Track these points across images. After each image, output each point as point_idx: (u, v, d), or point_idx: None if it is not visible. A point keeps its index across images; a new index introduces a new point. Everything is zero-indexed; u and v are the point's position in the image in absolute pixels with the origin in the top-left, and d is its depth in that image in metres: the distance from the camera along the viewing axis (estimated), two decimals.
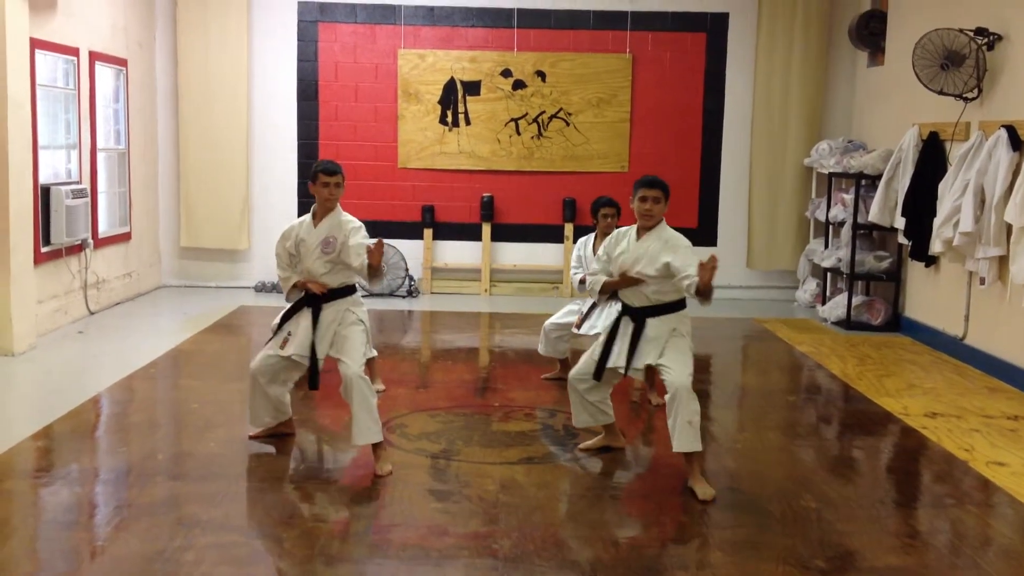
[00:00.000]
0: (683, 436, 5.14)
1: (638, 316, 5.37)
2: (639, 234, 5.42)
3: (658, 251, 5.27)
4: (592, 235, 7.23)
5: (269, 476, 5.41)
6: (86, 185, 9.34)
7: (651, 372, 6.82)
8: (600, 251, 5.65)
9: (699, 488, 5.14)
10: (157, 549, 4.36)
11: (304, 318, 5.59)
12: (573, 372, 5.66)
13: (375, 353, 6.92)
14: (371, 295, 11.06)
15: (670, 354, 5.27)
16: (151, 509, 4.82)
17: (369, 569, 4.34)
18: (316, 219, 5.62)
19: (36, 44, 8.32)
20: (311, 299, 5.58)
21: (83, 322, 9.23)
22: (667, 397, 5.21)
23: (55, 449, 5.81)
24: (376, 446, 5.40)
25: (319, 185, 5.56)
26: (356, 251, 5.44)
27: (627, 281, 5.34)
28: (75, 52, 9.17)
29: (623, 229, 5.56)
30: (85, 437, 6.13)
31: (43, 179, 8.63)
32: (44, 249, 8.60)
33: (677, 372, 5.19)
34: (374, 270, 5.39)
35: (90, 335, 8.78)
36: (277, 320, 5.74)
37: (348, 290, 5.64)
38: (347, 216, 5.65)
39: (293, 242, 5.63)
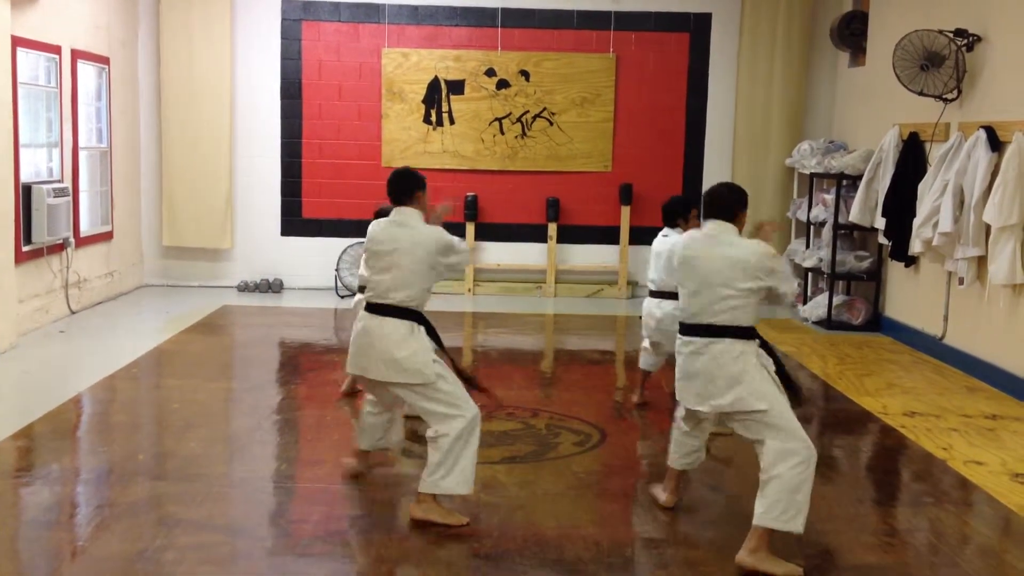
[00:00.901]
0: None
1: None
2: None
3: None
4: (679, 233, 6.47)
5: (250, 476, 5.41)
6: (68, 184, 9.30)
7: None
8: None
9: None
10: (138, 549, 4.36)
11: None
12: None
13: None
14: (353, 294, 11.06)
15: None
16: (132, 509, 4.82)
17: (351, 568, 4.35)
18: None
19: (17, 42, 8.27)
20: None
21: (64, 321, 9.19)
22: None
23: (36, 449, 5.79)
24: None
25: (426, 193, 5.03)
26: None
27: None
28: (57, 50, 9.14)
29: None
30: (66, 437, 6.11)
31: (24, 178, 8.59)
32: (25, 248, 8.56)
33: None
34: None
35: (71, 334, 8.74)
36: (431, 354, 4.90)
37: None
38: None
39: None
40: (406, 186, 4.99)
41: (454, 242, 4.89)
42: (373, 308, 4.85)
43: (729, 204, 4.65)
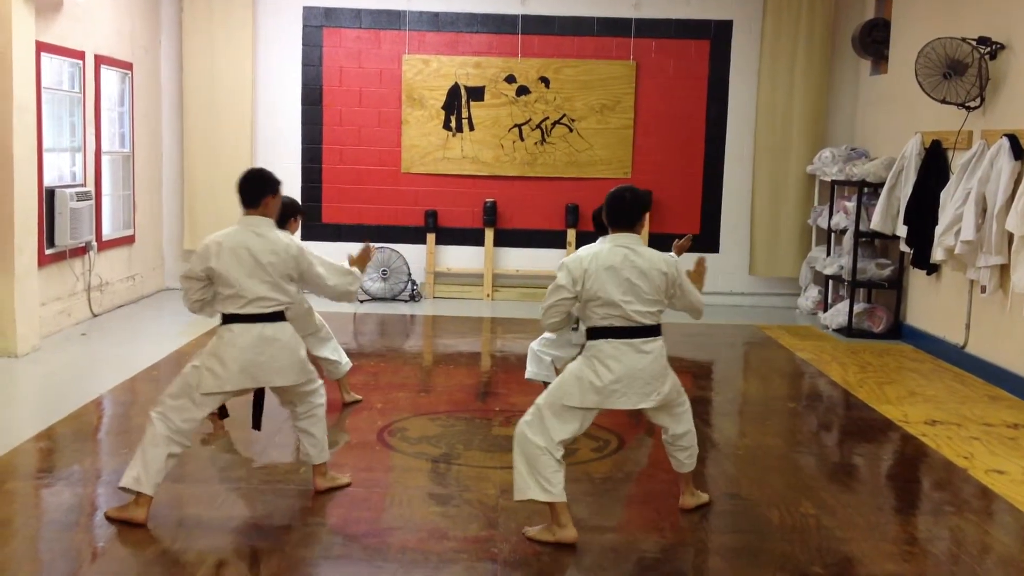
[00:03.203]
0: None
1: None
2: None
3: None
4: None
5: (270, 478, 5.43)
6: (90, 188, 9.37)
7: None
8: None
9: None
10: (158, 551, 4.38)
11: None
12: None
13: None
14: (372, 299, 11.10)
15: None
16: (152, 511, 4.83)
17: (369, 572, 4.35)
18: None
19: (42, 47, 8.35)
20: None
21: (86, 324, 9.25)
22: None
23: (57, 450, 5.83)
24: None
25: (277, 198, 5.44)
26: None
27: None
28: (81, 55, 9.21)
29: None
30: (87, 439, 6.15)
31: (48, 181, 8.66)
32: (48, 251, 8.63)
33: None
34: None
35: (93, 337, 8.80)
36: None
37: None
38: None
39: None
40: (260, 190, 5.18)
41: (317, 260, 5.04)
42: (254, 318, 4.81)
43: (637, 213, 4.76)
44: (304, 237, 11.47)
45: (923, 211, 8.76)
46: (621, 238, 4.69)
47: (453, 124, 11.42)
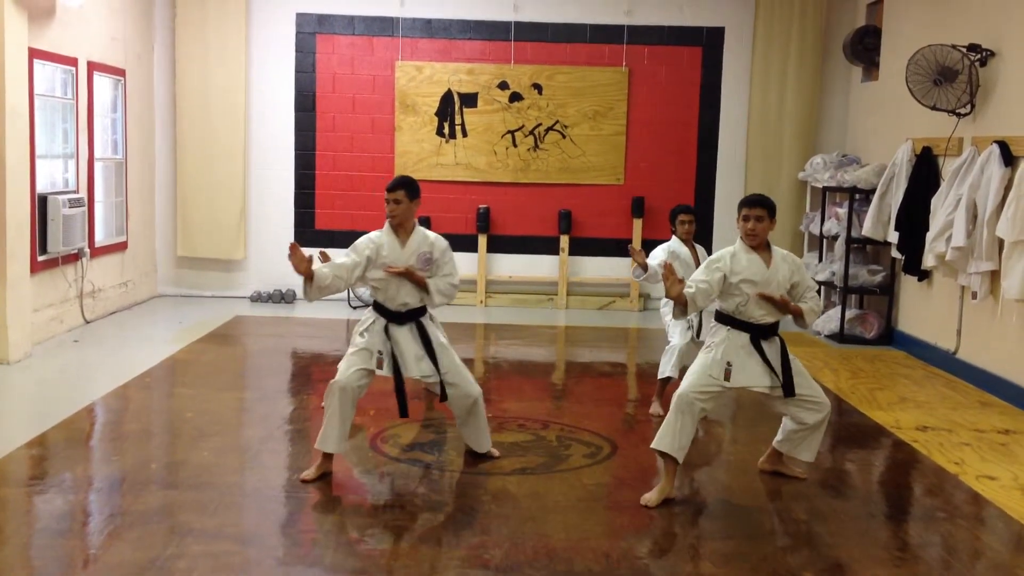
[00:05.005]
0: (815, 448, 5.57)
1: (769, 332, 5.31)
2: (755, 252, 5.26)
3: (788, 273, 5.29)
4: (672, 242, 7.07)
5: (262, 485, 5.43)
6: (83, 194, 9.36)
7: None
8: (718, 265, 5.24)
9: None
10: (150, 557, 4.37)
11: (401, 336, 5.61)
12: (690, 387, 5.21)
13: None
14: (366, 305, 11.09)
15: (805, 377, 5.39)
16: (144, 517, 4.84)
17: None
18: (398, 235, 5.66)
19: (35, 54, 8.35)
20: (395, 316, 5.62)
21: (79, 331, 9.24)
22: (815, 419, 5.37)
23: (49, 457, 5.82)
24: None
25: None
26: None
27: (785, 304, 5.25)
28: (73, 62, 9.21)
29: (728, 249, 5.32)
30: (79, 445, 6.14)
31: (40, 188, 8.66)
32: (41, 258, 8.62)
33: (822, 394, 5.44)
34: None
35: (85, 344, 8.79)
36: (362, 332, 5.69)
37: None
38: (433, 234, 5.69)
39: (374, 251, 5.60)
40: None
41: None
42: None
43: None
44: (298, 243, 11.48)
45: (914, 217, 8.79)
46: None
47: (446, 130, 11.44)
